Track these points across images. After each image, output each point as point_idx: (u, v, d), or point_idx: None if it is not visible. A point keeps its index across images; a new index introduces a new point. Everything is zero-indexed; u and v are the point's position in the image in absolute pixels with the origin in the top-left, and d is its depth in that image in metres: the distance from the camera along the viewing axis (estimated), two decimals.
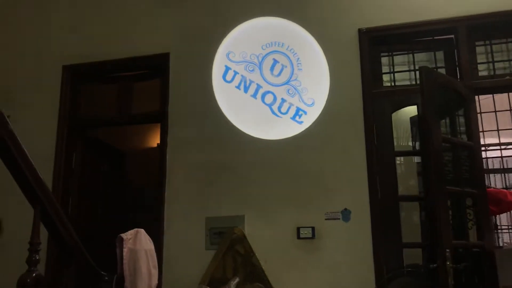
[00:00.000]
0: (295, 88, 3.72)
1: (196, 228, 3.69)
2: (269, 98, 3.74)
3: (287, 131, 3.69)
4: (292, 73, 3.76)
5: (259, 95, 3.75)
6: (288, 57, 3.79)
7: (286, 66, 3.77)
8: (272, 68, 3.78)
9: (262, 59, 3.79)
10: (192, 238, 3.68)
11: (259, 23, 3.89)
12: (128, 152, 5.66)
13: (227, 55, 3.82)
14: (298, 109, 3.70)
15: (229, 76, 3.78)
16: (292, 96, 3.72)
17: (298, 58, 3.78)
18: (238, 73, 3.77)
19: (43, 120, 4.21)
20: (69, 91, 4.28)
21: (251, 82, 3.76)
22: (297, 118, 3.69)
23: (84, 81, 4.43)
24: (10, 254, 3.35)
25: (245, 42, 3.85)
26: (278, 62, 3.78)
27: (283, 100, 3.72)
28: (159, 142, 4.08)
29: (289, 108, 3.71)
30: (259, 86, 3.76)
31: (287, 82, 3.75)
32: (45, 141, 4.12)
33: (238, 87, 3.77)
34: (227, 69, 3.79)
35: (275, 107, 3.72)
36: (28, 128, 4.07)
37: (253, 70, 3.78)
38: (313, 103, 3.70)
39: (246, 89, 3.76)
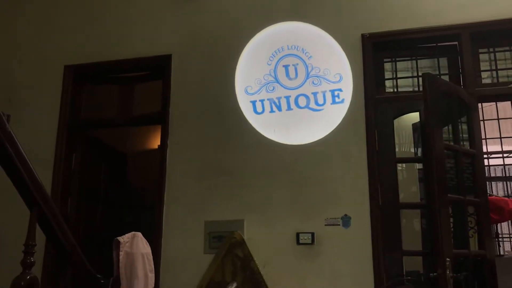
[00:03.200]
0: (317, 76, 3.69)
1: (195, 232, 3.67)
2: (302, 101, 3.70)
3: (335, 118, 3.63)
4: (306, 66, 3.73)
5: (293, 105, 3.71)
6: (294, 55, 3.76)
7: (297, 64, 3.75)
8: (287, 74, 3.74)
9: (275, 73, 3.76)
10: (191, 242, 3.66)
11: (253, 44, 3.87)
12: (129, 153, 5.64)
13: (246, 90, 3.79)
14: (332, 92, 3.65)
15: (259, 108, 3.75)
16: (319, 84, 3.68)
17: (303, 49, 3.76)
18: (264, 100, 3.75)
19: (43, 120, 4.20)
20: (71, 91, 4.27)
21: (279, 99, 3.73)
22: (336, 99, 3.64)
23: (86, 81, 4.42)
24: (5, 256, 3.33)
25: (252, 68, 3.82)
26: (289, 65, 3.76)
27: (315, 94, 3.68)
28: (160, 143, 4.06)
29: (324, 96, 3.67)
30: (287, 98, 3.72)
31: (307, 76, 3.72)
32: (45, 141, 4.11)
33: (272, 111, 3.73)
34: (253, 103, 3.76)
35: (312, 105, 3.68)
36: (28, 127, 4.09)
37: (273, 88, 3.74)
38: (341, 78, 3.66)
39: (279, 108, 3.73)
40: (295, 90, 3.72)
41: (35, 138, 4.02)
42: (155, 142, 5.51)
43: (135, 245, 2.44)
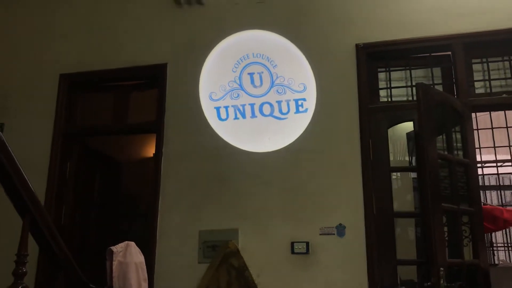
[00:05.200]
0: (282, 85, 3.74)
1: (189, 241, 3.66)
2: (266, 109, 3.74)
3: (299, 126, 3.68)
4: (271, 74, 3.78)
5: (257, 112, 3.75)
6: (259, 63, 3.81)
7: (262, 72, 3.79)
8: (252, 82, 3.79)
9: (240, 80, 3.80)
10: (185, 251, 3.64)
11: (218, 51, 3.93)
12: (124, 161, 5.63)
13: (210, 96, 3.84)
14: (296, 101, 3.70)
15: (223, 115, 3.80)
16: (283, 93, 3.72)
17: (268, 58, 3.81)
18: (228, 106, 3.79)
19: (38, 128, 4.19)
20: (66, 99, 4.26)
21: (243, 106, 3.77)
22: (300, 109, 3.69)
23: (81, 90, 4.42)
24: None
25: (217, 75, 3.87)
26: (254, 72, 3.80)
27: (279, 102, 3.72)
28: (154, 152, 4.05)
29: (288, 105, 3.71)
30: (252, 105, 3.76)
31: (272, 85, 3.76)
32: (40, 149, 4.10)
33: (236, 118, 3.77)
34: (217, 109, 3.81)
35: (276, 113, 3.72)
36: (23, 136, 4.09)
37: (238, 95, 3.79)
38: (305, 88, 3.71)
39: (243, 115, 3.77)
40: (260, 98, 3.76)
41: (29, 146, 4.01)
42: (150, 151, 5.50)
43: (128, 254, 2.44)
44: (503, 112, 5.09)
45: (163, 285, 3.58)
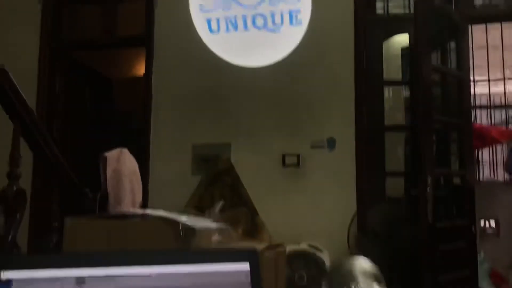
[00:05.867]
0: None
1: (182, 154, 3.70)
2: (259, 21, 3.60)
3: (293, 39, 3.52)
4: None
5: (249, 25, 3.60)
6: None
7: None
8: None
9: None
10: (179, 164, 3.70)
11: None
12: (115, 78, 5.54)
13: (201, 8, 3.63)
14: (290, 12, 3.54)
15: (214, 27, 3.61)
16: (277, 3, 3.56)
17: None
18: (220, 18, 3.60)
19: (24, 42, 4.06)
20: (51, 10, 4.10)
21: (235, 17, 3.60)
22: (294, 20, 3.54)
23: (67, 1, 4.23)
24: None
25: None
26: None
27: (272, 14, 3.58)
28: (145, 66, 3.97)
29: (281, 16, 3.55)
30: (244, 17, 3.60)
31: None
32: (27, 64, 4.00)
33: (227, 30, 3.61)
34: (208, 21, 3.62)
35: (270, 25, 3.58)
36: (9, 48, 3.95)
37: (230, 7, 3.60)
38: None
39: (235, 27, 3.60)
40: (252, 9, 3.58)
41: (16, 61, 3.86)
42: (141, 69, 5.39)
43: (122, 161, 2.46)
44: (498, 32, 4.98)
45: (157, 195, 3.66)
